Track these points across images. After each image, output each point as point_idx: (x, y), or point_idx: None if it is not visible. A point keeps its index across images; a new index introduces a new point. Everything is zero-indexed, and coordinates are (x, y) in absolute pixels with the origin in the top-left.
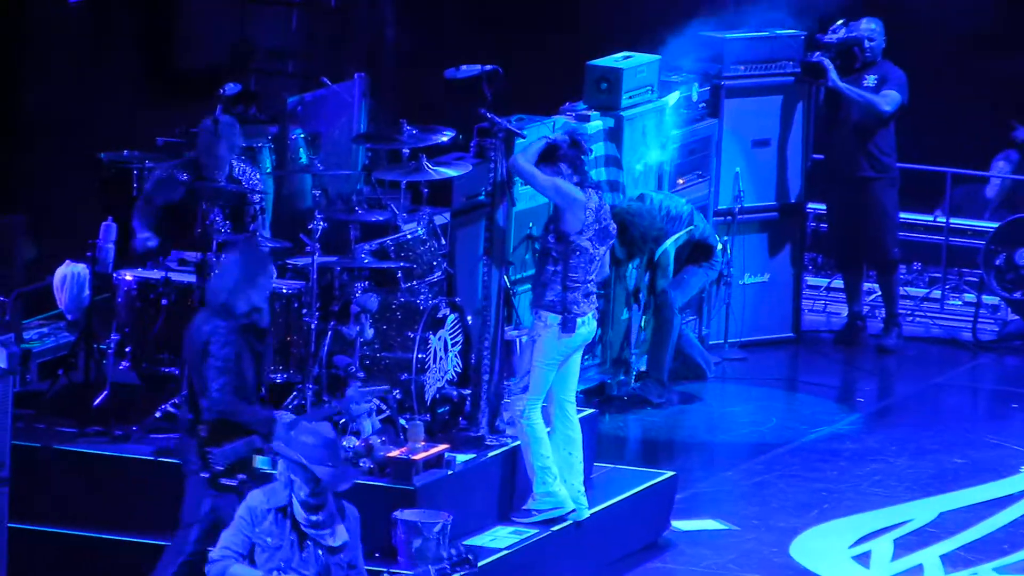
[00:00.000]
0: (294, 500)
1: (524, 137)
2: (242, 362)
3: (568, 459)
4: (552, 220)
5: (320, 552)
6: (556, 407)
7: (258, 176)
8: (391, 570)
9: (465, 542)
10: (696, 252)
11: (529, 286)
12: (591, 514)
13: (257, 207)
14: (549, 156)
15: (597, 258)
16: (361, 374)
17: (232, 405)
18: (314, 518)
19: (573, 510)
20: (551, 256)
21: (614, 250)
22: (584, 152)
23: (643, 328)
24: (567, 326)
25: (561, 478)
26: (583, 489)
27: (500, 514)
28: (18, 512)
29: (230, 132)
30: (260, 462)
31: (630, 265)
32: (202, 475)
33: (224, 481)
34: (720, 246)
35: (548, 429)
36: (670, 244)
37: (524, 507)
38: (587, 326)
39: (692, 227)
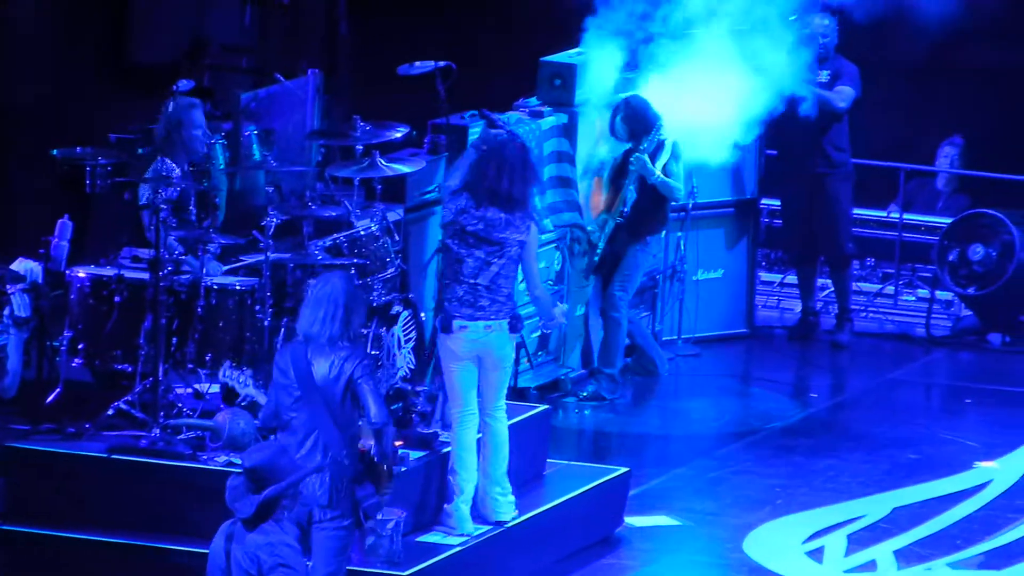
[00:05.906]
0: None
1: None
2: None
3: (489, 468)
4: None
5: None
6: (481, 416)
7: (178, 171)
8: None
9: (418, 539)
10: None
11: None
12: (544, 510)
13: (192, 203)
14: None
15: (471, 260)
16: None
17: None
18: None
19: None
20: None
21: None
22: None
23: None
24: (443, 324)
25: (482, 488)
26: (504, 496)
27: None
28: None
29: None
30: None
31: (584, 258)
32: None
33: None
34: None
35: (479, 436)
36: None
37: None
38: (470, 332)
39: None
